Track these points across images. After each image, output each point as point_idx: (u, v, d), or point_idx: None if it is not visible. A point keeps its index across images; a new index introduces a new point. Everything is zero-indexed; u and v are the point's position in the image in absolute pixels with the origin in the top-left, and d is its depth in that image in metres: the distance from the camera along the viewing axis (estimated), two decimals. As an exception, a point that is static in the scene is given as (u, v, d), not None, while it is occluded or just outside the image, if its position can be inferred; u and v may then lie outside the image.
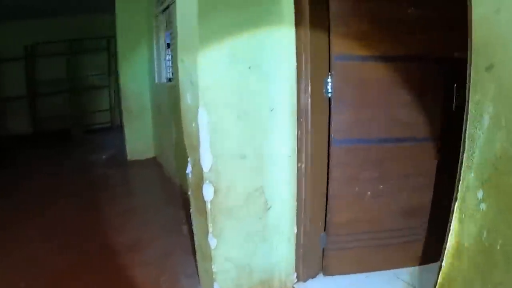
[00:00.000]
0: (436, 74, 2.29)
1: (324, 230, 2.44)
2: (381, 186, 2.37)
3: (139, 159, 6.24)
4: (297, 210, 2.36)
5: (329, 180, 2.32)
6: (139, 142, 6.30)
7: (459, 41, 2.31)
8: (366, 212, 2.41)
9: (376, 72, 2.24)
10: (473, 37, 1.22)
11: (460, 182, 1.36)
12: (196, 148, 2.12)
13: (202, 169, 2.09)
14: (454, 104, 2.24)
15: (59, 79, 9.03)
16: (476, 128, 1.28)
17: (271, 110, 2.18)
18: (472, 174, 1.32)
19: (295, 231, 2.40)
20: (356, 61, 2.23)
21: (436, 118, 2.34)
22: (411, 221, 2.48)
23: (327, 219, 2.41)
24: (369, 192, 2.37)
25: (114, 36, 6.62)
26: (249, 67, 2.08)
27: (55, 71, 8.92)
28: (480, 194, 1.30)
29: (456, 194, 1.38)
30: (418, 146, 2.37)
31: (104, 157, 6.68)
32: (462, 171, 1.35)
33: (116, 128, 9.26)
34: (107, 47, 9.40)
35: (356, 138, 2.29)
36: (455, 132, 2.47)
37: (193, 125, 2.12)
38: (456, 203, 1.38)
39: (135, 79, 6.18)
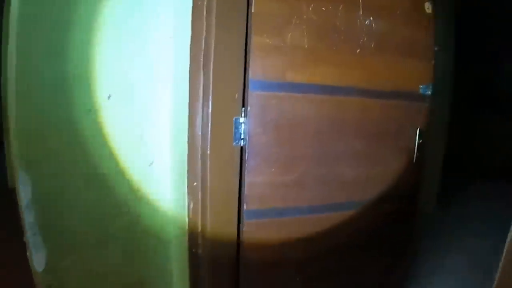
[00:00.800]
0: (394, 113, 1.63)
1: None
2: (311, 270, 1.66)
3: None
4: (192, 311, 1.58)
5: (240, 269, 1.54)
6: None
7: (427, 72, 1.75)
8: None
9: (314, 108, 1.51)
10: None
11: None
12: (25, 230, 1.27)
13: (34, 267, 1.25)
14: (415, 154, 1.69)
15: None
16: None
17: (150, 165, 1.38)
18: None
19: None
20: (285, 91, 1.46)
21: (390, 173, 1.70)
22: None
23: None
24: (297, 279, 1.65)
25: None
26: (109, 97, 1.27)
27: None
28: None
29: None
30: (363, 213, 1.69)
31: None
32: None
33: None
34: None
35: (279, 207, 1.52)
36: (414, 191, 1.92)
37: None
38: None
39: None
